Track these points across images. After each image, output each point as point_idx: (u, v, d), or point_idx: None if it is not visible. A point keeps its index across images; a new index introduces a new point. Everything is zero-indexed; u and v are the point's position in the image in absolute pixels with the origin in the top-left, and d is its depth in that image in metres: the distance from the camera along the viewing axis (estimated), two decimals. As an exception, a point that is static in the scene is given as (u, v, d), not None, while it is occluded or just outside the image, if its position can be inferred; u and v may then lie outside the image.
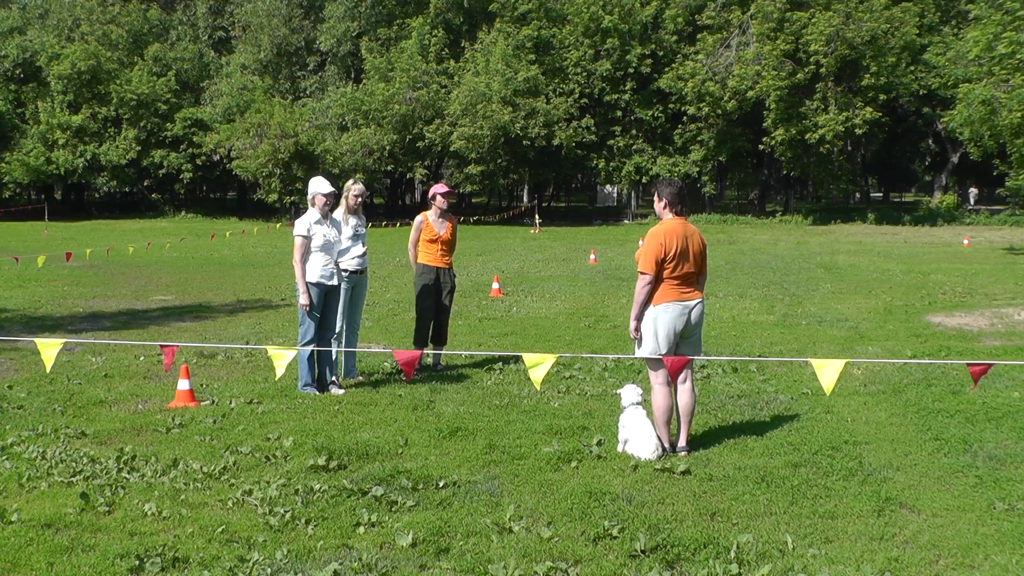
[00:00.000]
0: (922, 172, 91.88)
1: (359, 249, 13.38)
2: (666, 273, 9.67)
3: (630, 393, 9.90)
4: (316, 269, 12.40)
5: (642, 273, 9.71)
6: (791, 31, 59.55)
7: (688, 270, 9.76)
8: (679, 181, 10.37)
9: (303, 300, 12.21)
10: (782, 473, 8.97)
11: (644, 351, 9.85)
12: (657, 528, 7.62)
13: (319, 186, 12.61)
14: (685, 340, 9.90)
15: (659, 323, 9.69)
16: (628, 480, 8.84)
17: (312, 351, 12.41)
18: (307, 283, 12.27)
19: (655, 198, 10.14)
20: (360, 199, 13.56)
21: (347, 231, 13.23)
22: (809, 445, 9.89)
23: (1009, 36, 36.32)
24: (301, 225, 12.45)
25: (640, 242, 10.11)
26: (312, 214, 12.50)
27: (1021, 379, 13.01)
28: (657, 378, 9.87)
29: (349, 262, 13.18)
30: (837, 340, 16.89)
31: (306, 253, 12.36)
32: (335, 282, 12.64)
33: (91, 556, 7.07)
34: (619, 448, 9.74)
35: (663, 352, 9.71)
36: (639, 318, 9.79)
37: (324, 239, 12.46)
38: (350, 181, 13.81)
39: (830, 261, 34.36)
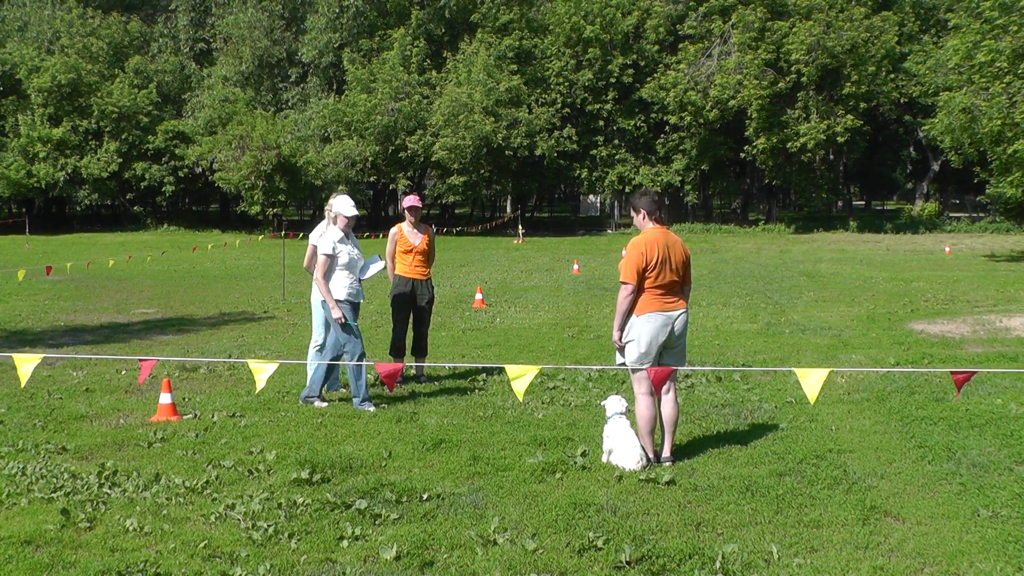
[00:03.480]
0: (903, 180, 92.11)
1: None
2: (648, 283, 9.65)
3: (614, 404, 9.91)
4: (343, 287, 12.45)
5: (624, 283, 9.69)
6: (772, 40, 59.82)
7: (671, 279, 9.73)
8: (651, 189, 10.42)
9: (336, 315, 12.18)
10: (767, 482, 8.96)
11: (627, 361, 9.83)
12: (642, 539, 7.60)
13: (345, 208, 12.58)
14: (669, 350, 9.86)
15: (642, 333, 9.66)
16: (613, 491, 8.82)
17: (328, 365, 12.49)
18: (335, 300, 12.27)
19: (632, 213, 10.11)
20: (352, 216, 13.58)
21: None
22: (794, 454, 9.89)
23: (988, 44, 36.57)
24: (326, 243, 12.42)
25: (624, 252, 10.11)
26: (335, 232, 12.51)
27: (1003, 386, 13.05)
28: (640, 388, 9.83)
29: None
30: (820, 348, 16.93)
31: (329, 271, 12.36)
32: (361, 299, 12.73)
33: (72, 573, 7.03)
34: (603, 459, 9.73)
35: (646, 363, 9.69)
36: (622, 328, 9.77)
37: (349, 257, 12.52)
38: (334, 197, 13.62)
39: (813, 269, 34.46)
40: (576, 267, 35.22)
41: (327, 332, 12.90)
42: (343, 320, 12.21)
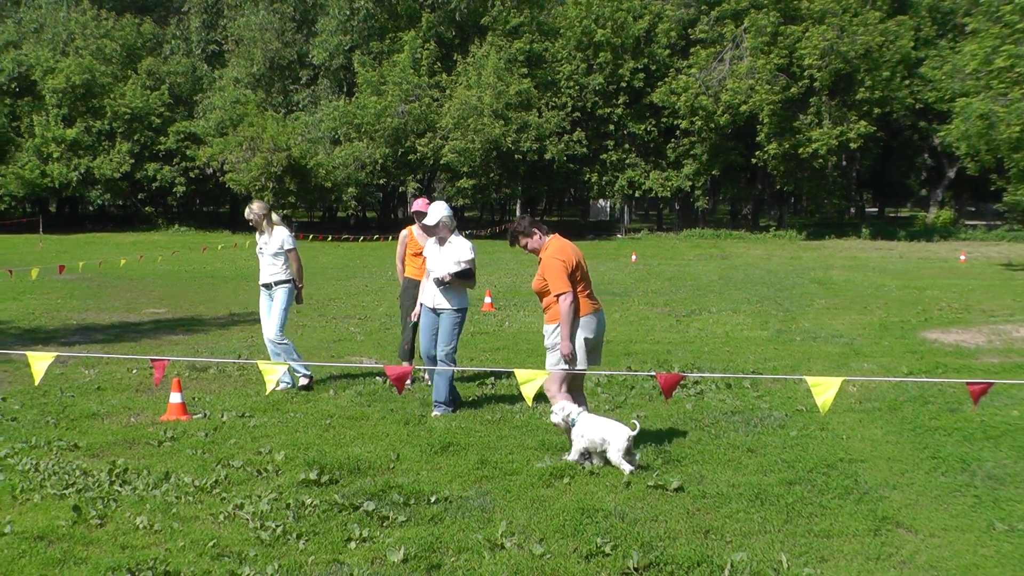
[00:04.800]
0: (917, 187, 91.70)
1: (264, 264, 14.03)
2: (579, 288, 10.04)
3: (567, 407, 10.01)
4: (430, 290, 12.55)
5: (564, 293, 9.91)
6: (785, 45, 59.63)
7: (588, 279, 10.22)
8: (523, 216, 10.77)
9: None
10: (776, 491, 8.90)
11: (568, 364, 10.02)
12: (650, 546, 7.56)
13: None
14: (593, 349, 10.23)
15: (583, 336, 10.07)
16: (621, 497, 8.78)
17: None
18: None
19: (526, 239, 10.48)
20: (251, 217, 14.08)
21: (267, 250, 13.94)
22: (804, 463, 9.83)
23: (1008, 49, 36.34)
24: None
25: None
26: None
27: (1020, 397, 12.94)
28: (562, 389, 10.11)
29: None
30: (832, 356, 16.83)
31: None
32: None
33: (83, 569, 7.03)
34: (572, 456, 9.84)
35: (584, 364, 10.13)
36: (573, 338, 9.97)
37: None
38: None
39: (824, 276, 34.31)
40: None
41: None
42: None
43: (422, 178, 69.75)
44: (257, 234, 14.22)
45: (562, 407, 9.99)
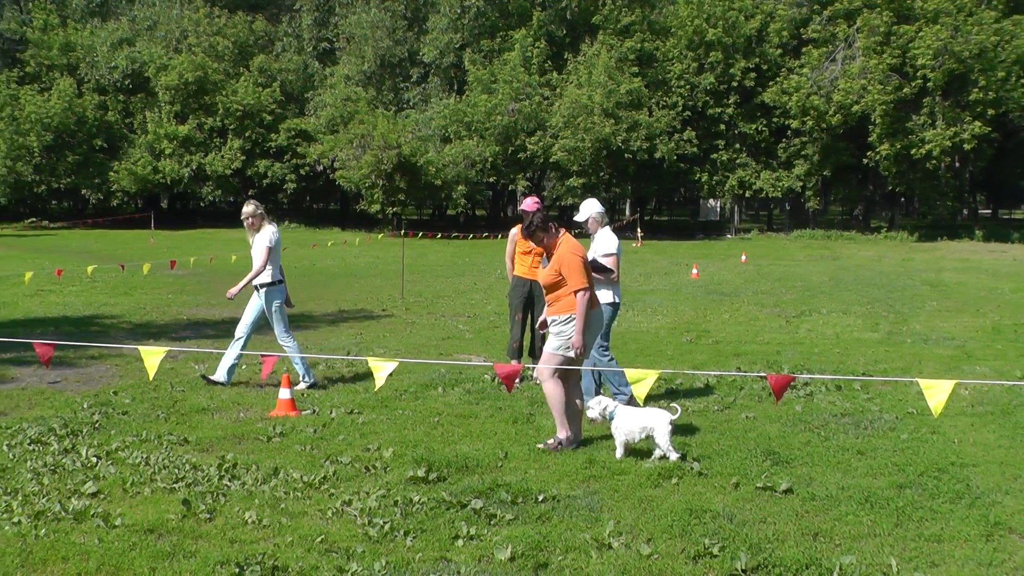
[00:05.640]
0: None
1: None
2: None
3: (604, 402, 10.28)
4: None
5: (583, 290, 10.16)
6: (898, 45, 58.89)
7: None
8: (537, 210, 10.84)
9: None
10: (886, 494, 8.77)
11: (573, 352, 10.24)
12: (758, 547, 7.49)
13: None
14: (591, 342, 10.64)
15: (593, 328, 10.47)
16: (729, 498, 8.71)
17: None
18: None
19: (546, 234, 10.68)
20: (246, 219, 14.20)
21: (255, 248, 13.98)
22: (914, 466, 9.68)
23: None
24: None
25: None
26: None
27: None
28: (554, 374, 10.37)
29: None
30: (943, 359, 16.59)
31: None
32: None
33: (192, 562, 7.09)
34: (619, 453, 10.00)
35: (586, 358, 10.60)
36: (585, 332, 10.25)
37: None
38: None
39: (936, 279, 33.86)
40: (695, 271, 34.98)
41: None
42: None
43: (532, 176, 69.83)
44: (248, 233, 14.28)
45: (599, 401, 10.28)
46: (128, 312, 22.06)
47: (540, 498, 8.59)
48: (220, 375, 13.63)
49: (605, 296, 12.19)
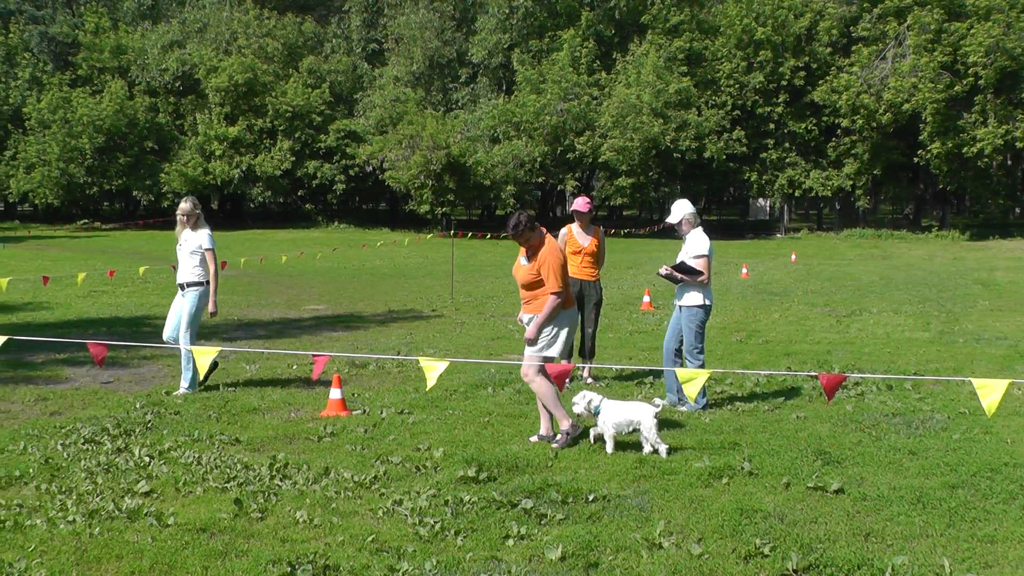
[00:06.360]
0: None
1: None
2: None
3: (588, 396, 10.38)
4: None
5: (559, 292, 10.57)
6: (949, 42, 58.48)
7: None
8: (521, 213, 10.92)
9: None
10: (939, 494, 8.70)
11: (553, 351, 10.69)
12: (809, 547, 7.44)
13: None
14: (567, 341, 10.94)
15: (568, 329, 10.82)
16: (780, 498, 8.67)
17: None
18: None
19: (532, 233, 10.78)
20: (183, 216, 14.17)
21: (185, 247, 13.89)
22: (967, 466, 9.59)
23: None
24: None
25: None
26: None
27: None
28: (540, 371, 10.61)
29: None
30: (996, 359, 16.46)
31: None
32: None
33: (244, 562, 7.11)
34: (609, 448, 10.15)
35: (564, 354, 10.94)
36: (543, 326, 10.61)
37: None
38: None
39: (988, 278, 33.62)
40: (745, 271, 34.89)
41: None
42: None
43: (581, 176, 69.79)
44: (178, 230, 14.23)
45: (583, 396, 10.37)
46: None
47: (590, 498, 8.58)
48: (183, 387, 13.49)
49: (695, 299, 12.22)
